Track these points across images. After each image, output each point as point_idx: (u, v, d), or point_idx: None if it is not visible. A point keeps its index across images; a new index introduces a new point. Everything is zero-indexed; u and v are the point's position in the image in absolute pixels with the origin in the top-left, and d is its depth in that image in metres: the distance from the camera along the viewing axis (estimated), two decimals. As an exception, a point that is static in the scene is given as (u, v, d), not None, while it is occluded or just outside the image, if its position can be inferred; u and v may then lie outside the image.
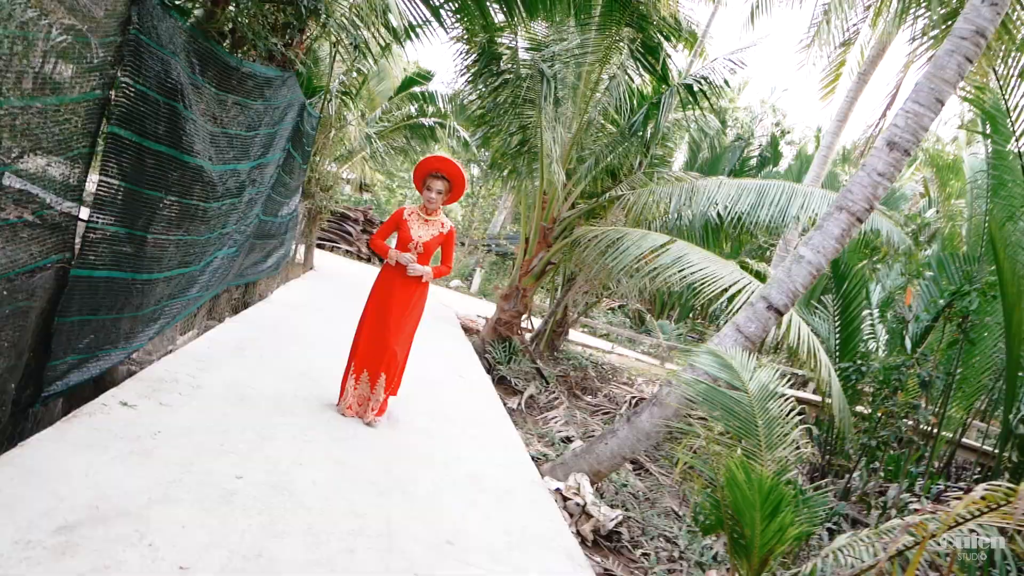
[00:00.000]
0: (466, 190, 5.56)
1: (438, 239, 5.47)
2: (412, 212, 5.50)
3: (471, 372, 9.17)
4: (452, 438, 5.86)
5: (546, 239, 11.55)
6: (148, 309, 4.80)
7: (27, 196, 3.62)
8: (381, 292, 5.43)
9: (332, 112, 12.46)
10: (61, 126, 3.63)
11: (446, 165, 5.37)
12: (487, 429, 6.51)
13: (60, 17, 3.51)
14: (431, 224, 5.47)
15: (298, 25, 6.98)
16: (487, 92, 11.17)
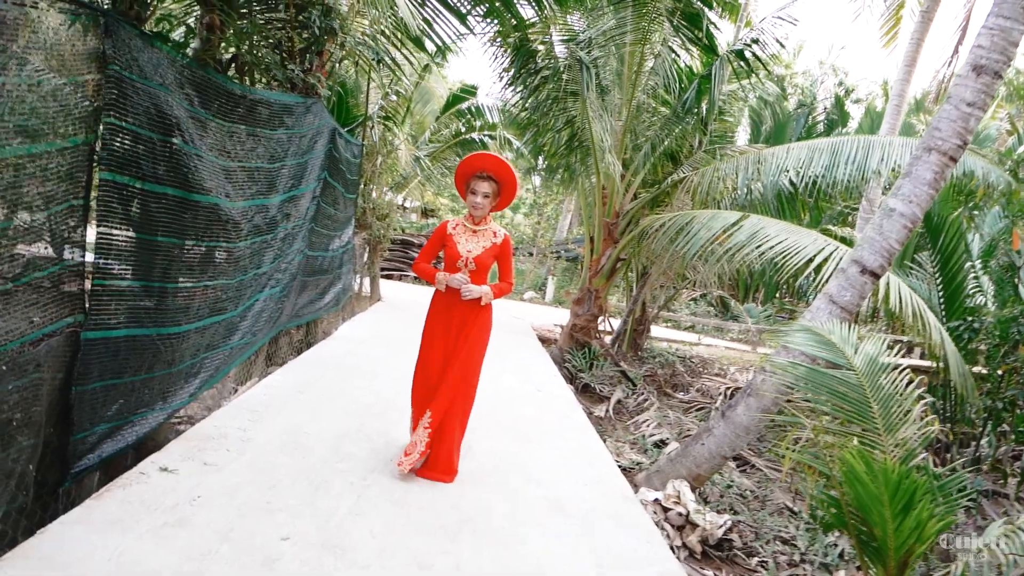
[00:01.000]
0: (518, 192, 4.75)
1: (492, 252, 4.59)
2: (457, 224, 4.66)
3: (549, 384, 8.66)
4: (529, 459, 5.37)
5: (611, 235, 10.98)
6: (184, 364, 4.48)
7: (17, 258, 3.32)
8: (435, 324, 4.67)
9: (376, 138, 12.21)
10: (46, 178, 3.32)
11: (491, 163, 4.53)
12: (569, 445, 5.99)
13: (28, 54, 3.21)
14: (481, 235, 4.62)
15: (315, 48, 6.67)
16: (528, 92, 10.72)
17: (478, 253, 4.55)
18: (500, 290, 4.65)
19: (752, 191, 10.26)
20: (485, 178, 4.52)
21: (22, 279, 3.27)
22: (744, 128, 21.17)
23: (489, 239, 4.62)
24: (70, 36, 3.32)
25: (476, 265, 4.54)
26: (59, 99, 3.31)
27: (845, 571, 5.36)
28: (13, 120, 3.15)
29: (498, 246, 4.62)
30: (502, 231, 4.67)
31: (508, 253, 4.68)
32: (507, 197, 4.66)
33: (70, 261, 3.50)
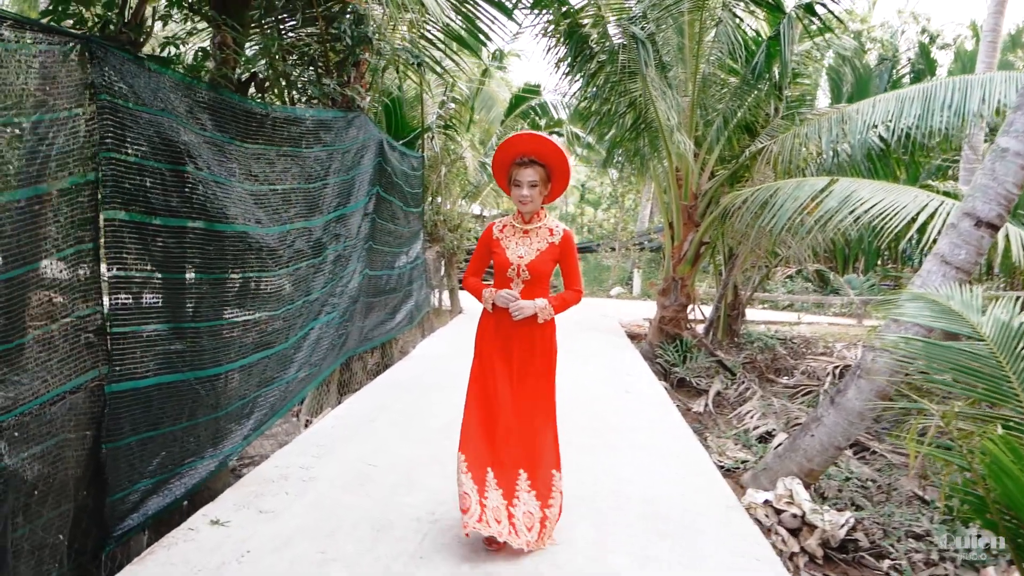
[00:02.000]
0: (572, 177, 3.76)
1: (550, 255, 3.63)
2: (505, 226, 3.75)
3: (640, 384, 8.12)
4: (618, 472, 4.87)
5: (691, 219, 10.34)
6: (232, 406, 4.20)
7: (26, 311, 3.07)
8: (486, 354, 3.72)
9: (437, 149, 11.93)
10: (47, 223, 3.07)
11: (533, 143, 3.59)
12: (663, 451, 5.46)
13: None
14: (534, 236, 3.67)
15: (351, 60, 6.37)
16: (586, 80, 10.22)
17: (532, 258, 3.61)
18: (563, 302, 3.68)
19: (838, 153, 9.45)
20: (528, 164, 3.57)
21: (30, 334, 3.02)
22: (823, 91, 19.99)
23: (544, 239, 3.66)
24: (51, 68, 3.05)
25: (531, 274, 3.59)
26: (49, 137, 3.05)
27: (995, 568, 4.65)
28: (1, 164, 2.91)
29: (557, 247, 3.63)
30: (560, 227, 3.69)
31: (571, 254, 3.68)
32: (560, 182, 3.70)
33: (84, 310, 3.24)
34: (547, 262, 3.62)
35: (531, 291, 3.63)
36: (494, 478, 3.53)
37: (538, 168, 3.57)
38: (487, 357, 3.71)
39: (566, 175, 3.66)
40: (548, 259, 3.62)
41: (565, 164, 3.63)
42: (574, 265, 3.70)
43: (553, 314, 3.64)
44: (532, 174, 3.56)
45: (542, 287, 3.66)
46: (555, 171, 3.63)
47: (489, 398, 3.67)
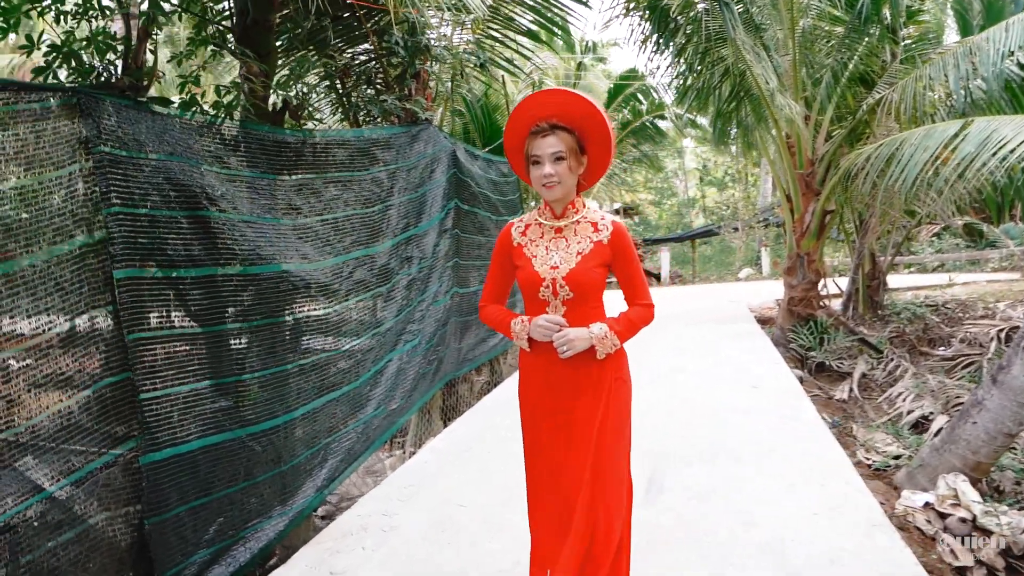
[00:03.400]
0: (614, 148, 2.69)
1: (597, 258, 2.59)
2: (528, 225, 2.73)
3: (769, 376, 7.37)
4: (740, 489, 4.26)
5: (810, 187, 9.43)
6: (298, 458, 3.92)
7: (42, 385, 2.87)
8: (535, 412, 2.72)
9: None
10: (56, 290, 2.86)
11: (555, 101, 2.56)
12: (794, 459, 4.78)
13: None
14: (571, 234, 2.64)
15: (410, 72, 6.05)
16: (675, 55, 9.54)
17: (572, 267, 2.56)
18: (630, 324, 2.61)
19: (971, 92, 8.32)
20: (549, 130, 2.51)
21: (44, 412, 2.81)
22: (951, 28, 18.15)
23: (586, 238, 2.60)
24: (39, 126, 2.84)
25: (573, 289, 2.56)
26: (45, 200, 2.84)
27: None
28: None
29: (606, 246, 2.59)
30: (608, 218, 2.64)
31: (629, 254, 2.64)
32: (599, 155, 2.63)
33: (107, 378, 3.01)
34: (595, 269, 2.55)
35: (579, 314, 2.57)
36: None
37: (564, 135, 2.51)
38: (537, 421, 2.70)
39: (607, 142, 2.58)
40: (596, 265, 2.55)
41: (604, 127, 2.55)
42: (635, 270, 2.64)
43: (618, 343, 2.57)
44: (556, 143, 2.49)
45: (593, 307, 2.60)
46: (590, 138, 2.57)
47: (548, 464, 2.68)
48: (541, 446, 2.69)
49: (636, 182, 31.92)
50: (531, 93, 2.65)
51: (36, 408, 2.80)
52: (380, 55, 6.04)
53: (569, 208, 2.64)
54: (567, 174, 2.52)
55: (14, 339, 2.69)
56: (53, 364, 2.83)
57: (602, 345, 2.54)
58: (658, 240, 22.45)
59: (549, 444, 2.66)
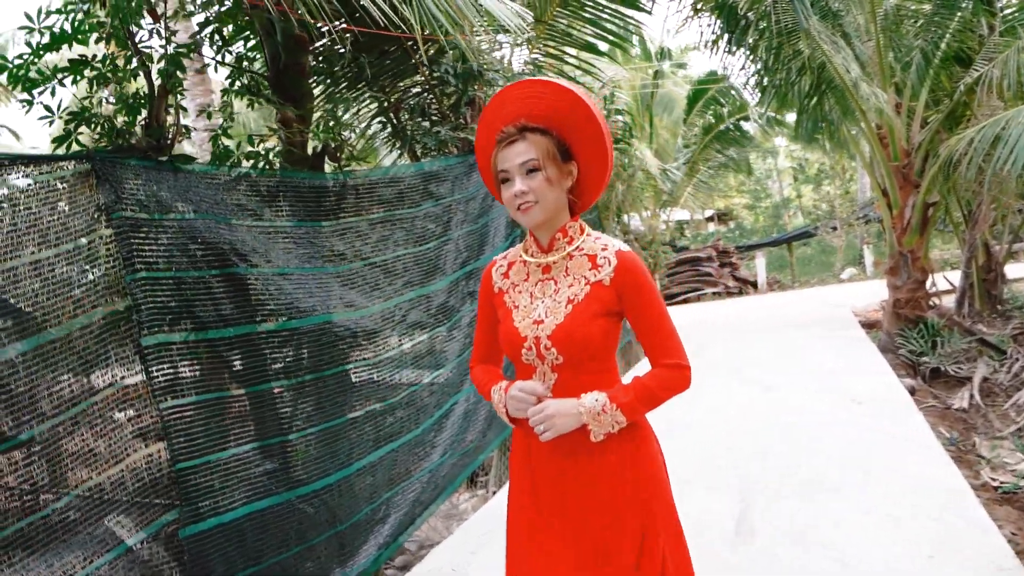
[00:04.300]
0: (611, 148, 1.94)
1: (595, 304, 1.88)
2: (511, 264, 2.08)
3: (874, 388, 6.78)
4: (840, 523, 3.81)
5: (907, 180, 8.74)
6: (358, 515, 3.73)
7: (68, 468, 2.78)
8: (521, 506, 2.04)
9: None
10: (80, 363, 2.77)
11: (524, 95, 1.92)
12: (902, 488, 4.29)
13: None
14: (560, 274, 1.96)
15: (464, 99, 5.89)
16: (748, 53, 9.08)
17: (560, 320, 1.88)
18: (645, 393, 1.86)
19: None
20: (517, 134, 1.87)
21: (74, 491, 2.71)
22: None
23: (581, 277, 1.91)
24: (53, 197, 2.77)
25: (563, 352, 1.88)
26: (64, 272, 2.76)
27: None
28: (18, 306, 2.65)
29: (608, 288, 1.88)
30: (613, 247, 1.92)
31: (643, 293, 1.89)
32: (596, 158, 1.94)
33: (139, 450, 2.90)
34: (593, 322, 1.85)
35: (576, 384, 1.88)
36: None
37: (537, 138, 1.86)
38: (524, 509, 2.01)
39: (600, 142, 1.89)
40: (594, 316, 1.85)
41: (593, 121, 1.86)
42: (655, 317, 1.88)
43: (624, 419, 1.84)
44: (526, 149, 1.85)
45: (596, 374, 1.89)
46: (578, 138, 1.90)
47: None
48: (531, 552, 1.96)
49: (728, 186, 31.01)
50: (510, 84, 1.97)
51: (67, 485, 2.71)
52: (432, 85, 5.90)
53: (559, 238, 1.93)
54: (546, 189, 1.84)
55: (37, 417, 2.60)
56: (80, 440, 2.74)
57: (597, 423, 1.82)
58: (752, 246, 21.60)
59: (544, 549, 1.93)
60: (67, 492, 2.68)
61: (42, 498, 2.65)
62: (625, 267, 1.87)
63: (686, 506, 4.24)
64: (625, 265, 1.87)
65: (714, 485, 4.59)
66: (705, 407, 6.81)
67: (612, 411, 1.83)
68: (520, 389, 1.91)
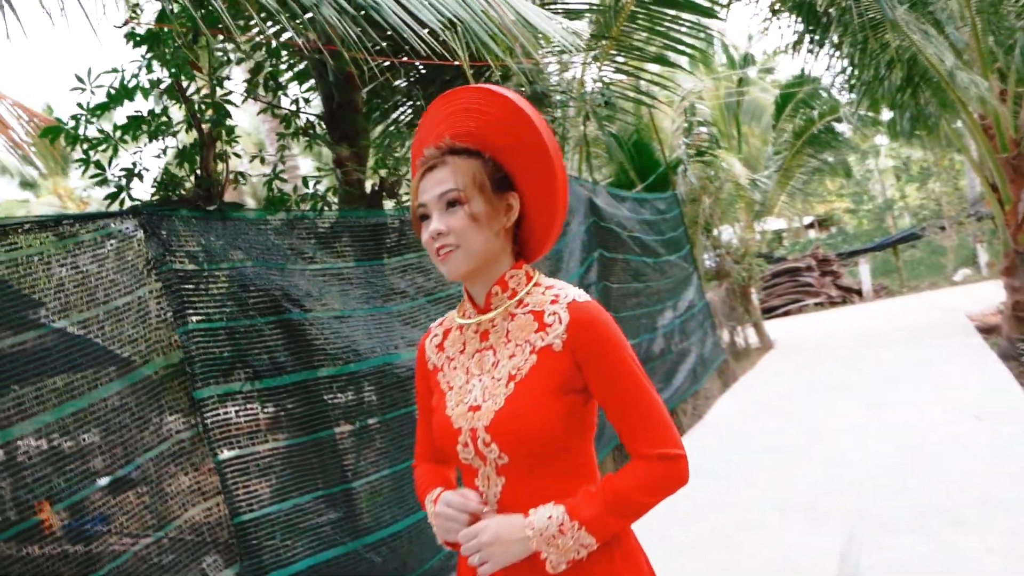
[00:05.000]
0: (561, 171, 1.41)
1: (544, 379, 1.34)
2: (447, 332, 1.54)
3: (996, 402, 6.21)
4: (962, 562, 3.41)
5: (1018, 172, 8.10)
6: (430, 562, 3.59)
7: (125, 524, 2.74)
8: None
9: (694, 180, 10.84)
10: (134, 420, 2.75)
11: (443, 110, 1.46)
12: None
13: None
14: (499, 340, 1.43)
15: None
16: (831, 51, 8.64)
17: (499, 404, 1.36)
18: (619, 501, 1.31)
19: None
20: (439, 158, 1.40)
21: (131, 549, 2.66)
22: None
23: (524, 343, 1.39)
24: (101, 254, 2.77)
25: (506, 449, 1.35)
26: (112, 328, 2.75)
27: None
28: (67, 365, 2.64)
29: (560, 354, 1.35)
30: (567, 296, 1.38)
31: (609, 359, 1.34)
32: (543, 184, 1.42)
33: (199, 505, 2.85)
34: (544, 402, 1.34)
35: (525, 488, 1.38)
36: None
37: (461, 161, 1.40)
38: None
39: (546, 165, 1.40)
40: (545, 393, 1.35)
41: (536, 139, 1.38)
42: (629, 387, 1.34)
43: (593, 540, 1.32)
44: (445, 177, 1.38)
45: (559, 472, 1.39)
46: (518, 161, 1.42)
47: None
48: None
49: (826, 191, 29.80)
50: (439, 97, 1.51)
51: (123, 544, 2.67)
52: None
53: (497, 292, 1.43)
54: (470, 229, 1.36)
55: (90, 476, 2.58)
56: (135, 498, 2.71)
57: (555, 549, 1.31)
58: (855, 252, 20.60)
59: None
60: (124, 551, 2.64)
61: (101, 558, 2.62)
62: (580, 324, 1.34)
63: (780, 542, 3.95)
64: (579, 321, 1.34)
65: (814, 517, 4.23)
66: (805, 428, 6.40)
67: (574, 531, 1.31)
68: (448, 504, 1.39)
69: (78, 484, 2.53)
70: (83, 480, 2.54)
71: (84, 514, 2.55)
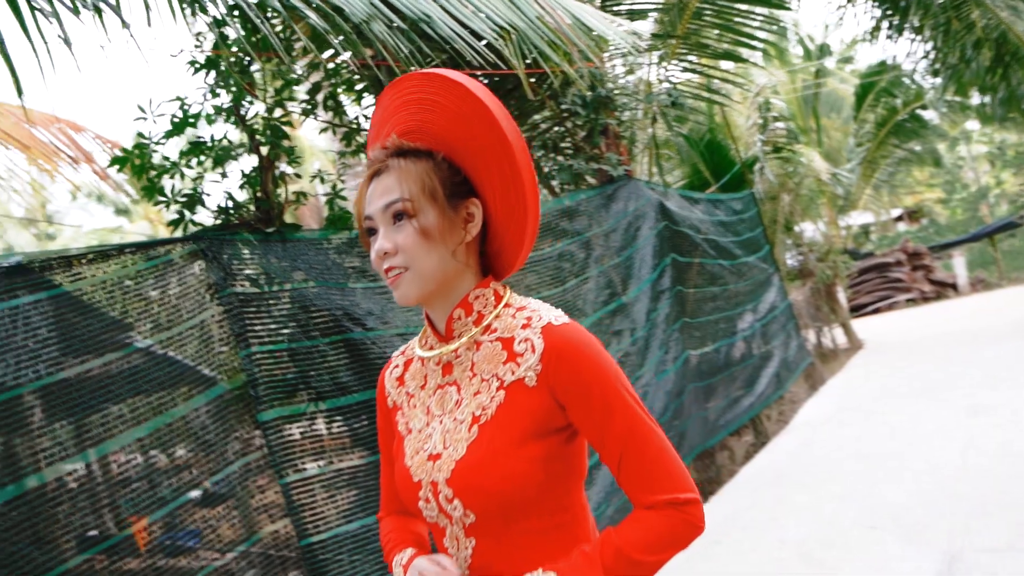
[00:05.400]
0: (526, 175, 1.16)
1: (515, 422, 1.12)
2: (407, 363, 1.34)
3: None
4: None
5: None
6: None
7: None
8: None
9: (772, 177, 10.51)
10: (196, 444, 2.77)
11: (391, 101, 1.24)
12: None
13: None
14: (463, 374, 1.21)
15: (597, 128, 5.66)
16: (913, 35, 8.26)
17: (462, 453, 1.14)
18: (626, 562, 1.08)
19: None
20: (385, 161, 1.18)
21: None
22: None
23: (492, 377, 1.16)
24: (162, 280, 2.80)
25: (472, 506, 1.13)
26: (177, 351, 2.78)
27: None
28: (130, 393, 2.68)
29: (534, 391, 1.12)
30: (542, 317, 1.16)
31: (598, 390, 1.11)
32: (511, 195, 1.18)
33: (265, 528, 2.85)
34: (515, 450, 1.11)
35: (498, 549, 1.15)
36: None
37: (410, 165, 1.17)
38: None
39: (510, 162, 1.16)
40: (516, 439, 1.11)
41: (496, 132, 1.14)
42: (626, 423, 1.11)
43: None
44: (391, 185, 1.16)
45: (540, 530, 1.15)
46: (478, 160, 1.19)
47: None
48: None
49: (915, 181, 28.62)
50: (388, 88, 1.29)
51: (192, 569, 2.68)
52: (562, 118, 5.72)
53: (459, 317, 1.21)
54: (421, 246, 1.14)
55: (157, 502, 2.60)
56: (202, 521, 2.72)
57: None
58: (949, 244, 19.65)
59: None
60: (203, 567, 2.66)
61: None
62: (556, 352, 1.11)
63: (869, 561, 3.71)
64: (556, 349, 1.11)
65: (909, 535, 3.96)
66: (898, 434, 6.07)
67: None
68: (421, 572, 1.16)
69: (145, 509, 2.55)
70: (150, 507, 2.56)
71: (151, 540, 2.57)
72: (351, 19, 2.59)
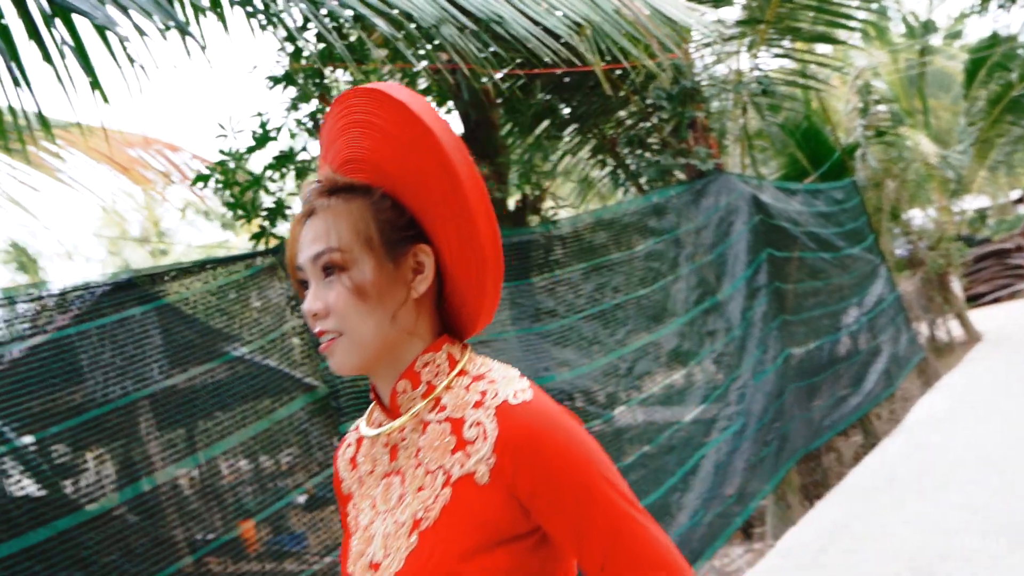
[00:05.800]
0: (489, 206, 0.92)
1: (461, 524, 0.86)
2: (359, 441, 1.06)
3: None
4: None
5: None
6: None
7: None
8: None
9: (874, 163, 10.01)
10: (280, 455, 2.78)
11: (345, 119, 0.96)
12: None
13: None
14: (408, 462, 0.94)
15: (684, 121, 5.48)
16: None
17: (400, 563, 0.88)
18: None
19: None
20: (316, 199, 0.94)
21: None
22: None
23: (438, 468, 0.90)
24: (242, 292, 2.83)
25: None
26: (260, 365, 2.80)
27: None
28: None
29: (486, 490, 0.86)
30: (499, 392, 0.89)
31: (565, 489, 0.85)
32: (465, 238, 0.92)
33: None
34: (460, 564, 0.85)
35: None
36: None
37: (342, 206, 0.93)
38: None
39: (458, 198, 0.90)
40: (464, 551, 0.85)
41: (442, 159, 0.89)
42: (609, 524, 0.85)
43: None
44: (322, 231, 0.92)
45: None
46: (424, 196, 0.94)
47: None
48: None
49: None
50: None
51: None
52: (647, 113, 5.56)
53: (405, 389, 0.95)
54: (354, 308, 0.91)
55: (242, 514, 2.62)
56: (288, 535, 2.72)
57: None
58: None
59: None
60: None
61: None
62: (515, 443, 0.87)
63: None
64: (515, 438, 0.87)
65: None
66: (1021, 434, 5.63)
67: None
68: None
69: (232, 521, 2.57)
70: (236, 518, 2.58)
71: (240, 554, 2.59)
72: (420, 24, 2.55)
